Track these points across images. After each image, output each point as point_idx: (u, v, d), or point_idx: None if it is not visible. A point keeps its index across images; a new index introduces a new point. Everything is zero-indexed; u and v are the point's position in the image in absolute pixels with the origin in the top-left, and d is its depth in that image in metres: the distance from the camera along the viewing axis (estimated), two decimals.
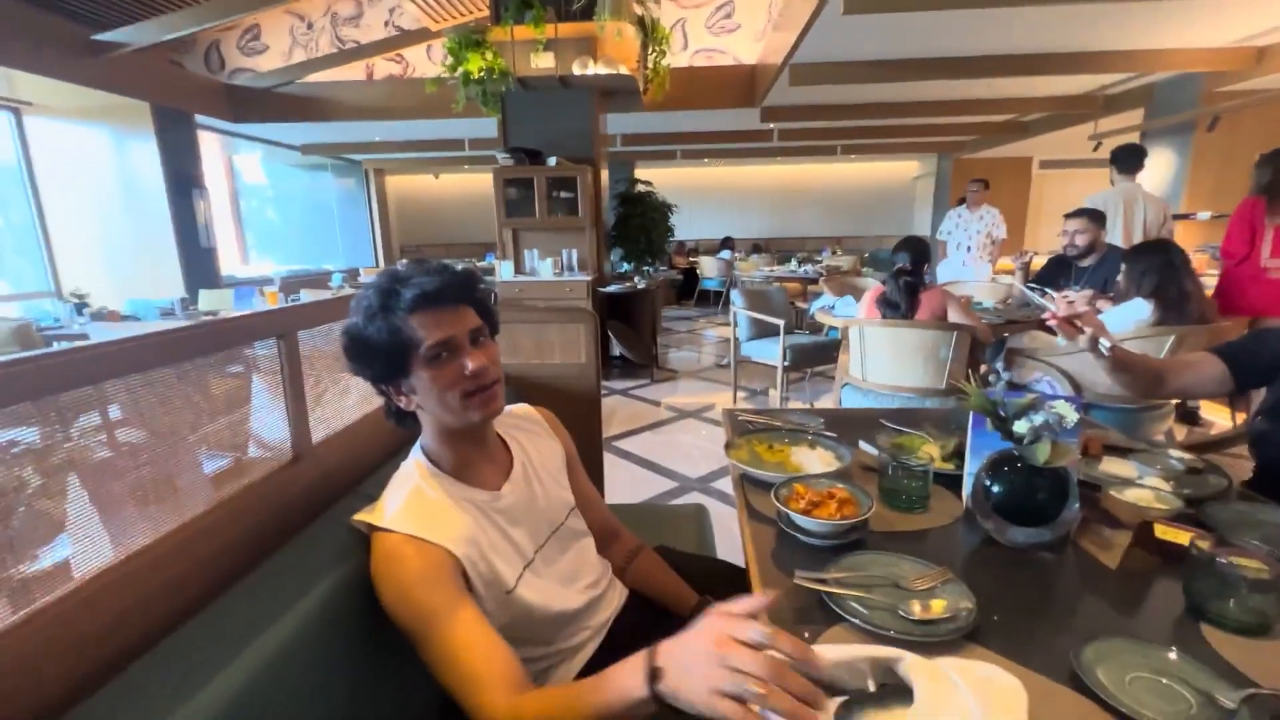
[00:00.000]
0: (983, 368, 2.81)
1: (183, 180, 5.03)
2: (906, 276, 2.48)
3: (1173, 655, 0.58)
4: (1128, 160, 3.50)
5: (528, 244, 4.57)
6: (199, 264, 5.16)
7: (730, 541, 2.22)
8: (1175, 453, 1.06)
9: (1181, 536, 0.75)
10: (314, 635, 0.66)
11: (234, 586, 0.69)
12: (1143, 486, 0.92)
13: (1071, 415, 0.72)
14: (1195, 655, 0.59)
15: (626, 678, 0.59)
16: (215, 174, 6.47)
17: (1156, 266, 2.23)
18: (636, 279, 4.87)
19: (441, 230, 10.24)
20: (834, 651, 0.59)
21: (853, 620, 0.67)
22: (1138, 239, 3.39)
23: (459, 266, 0.84)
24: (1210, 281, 3.14)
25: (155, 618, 0.63)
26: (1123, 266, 2.33)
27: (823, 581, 0.71)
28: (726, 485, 2.73)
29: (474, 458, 0.87)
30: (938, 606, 0.66)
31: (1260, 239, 2.93)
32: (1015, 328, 2.80)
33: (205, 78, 5.23)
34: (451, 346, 0.78)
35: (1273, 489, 0.99)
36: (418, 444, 0.87)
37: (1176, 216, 4.28)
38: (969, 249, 5.06)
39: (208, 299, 4.10)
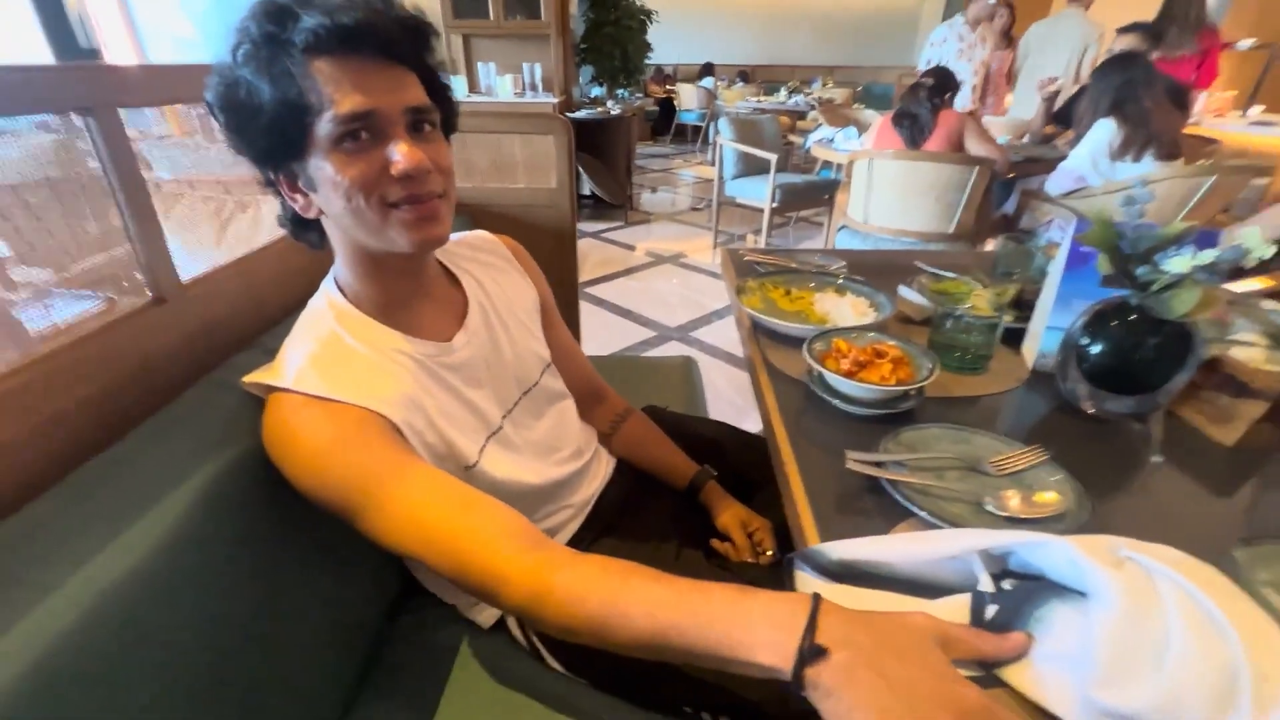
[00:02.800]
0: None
1: None
2: (928, 89, 2.14)
3: None
4: None
5: (482, 55, 3.87)
6: None
7: (718, 399, 2.11)
8: (1268, 303, 0.90)
9: None
10: (192, 538, 0.47)
11: (66, 479, 0.48)
12: (1247, 344, 0.75)
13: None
14: None
15: (758, 628, 0.40)
16: None
17: (1114, 86, 1.97)
18: (610, 104, 4.28)
19: None
20: (923, 542, 0.44)
21: (923, 514, 0.51)
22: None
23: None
24: None
25: None
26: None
27: (883, 466, 0.54)
28: (708, 335, 2.57)
29: (408, 296, 0.63)
30: (1047, 499, 0.50)
31: None
32: (1033, 167, 2.52)
33: None
34: (375, 124, 0.51)
35: None
36: (330, 274, 0.63)
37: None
38: (972, 86, 3.81)
39: None
